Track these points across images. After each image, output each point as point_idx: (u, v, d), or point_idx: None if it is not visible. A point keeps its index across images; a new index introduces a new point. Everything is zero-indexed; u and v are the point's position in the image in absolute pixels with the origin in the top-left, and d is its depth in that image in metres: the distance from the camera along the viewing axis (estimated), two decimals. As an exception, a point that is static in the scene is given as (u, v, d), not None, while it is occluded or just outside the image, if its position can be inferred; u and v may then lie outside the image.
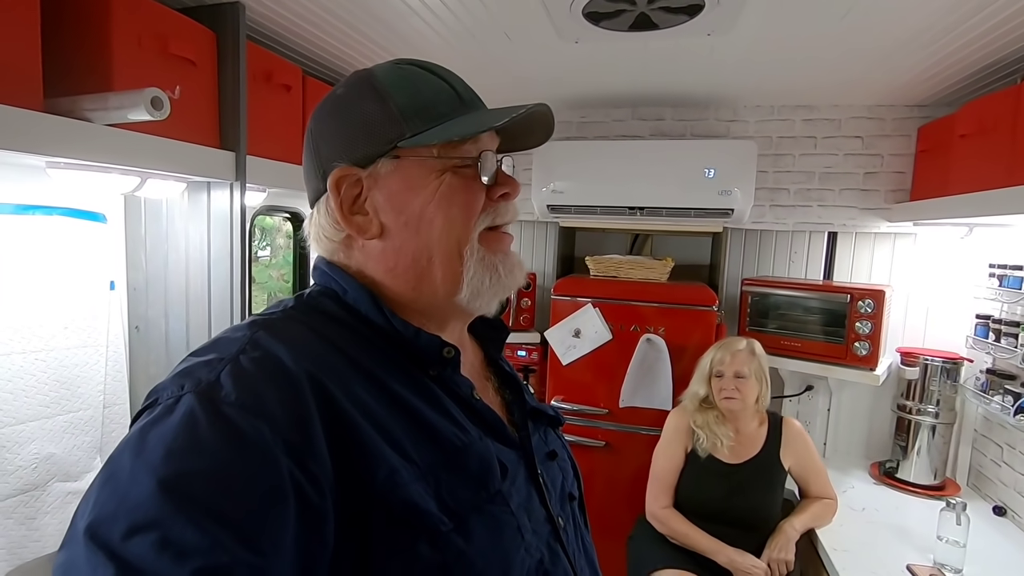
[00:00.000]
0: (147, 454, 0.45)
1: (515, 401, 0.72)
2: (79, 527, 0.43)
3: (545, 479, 0.66)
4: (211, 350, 0.53)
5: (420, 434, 0.55)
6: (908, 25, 1.46)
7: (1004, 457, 1.89)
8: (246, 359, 0.51)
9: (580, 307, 2.18)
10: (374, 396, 0.54)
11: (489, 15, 1.49)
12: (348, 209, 0.62)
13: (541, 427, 0.73)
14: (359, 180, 0.62)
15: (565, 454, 0.75)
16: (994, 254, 1.94)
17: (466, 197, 0.62)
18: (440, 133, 0.60)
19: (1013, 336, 1.77)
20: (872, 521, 1.82)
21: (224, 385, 0.48)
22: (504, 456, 0.61)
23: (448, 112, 0.62)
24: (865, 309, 2.02)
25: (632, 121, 2.49)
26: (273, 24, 1.53)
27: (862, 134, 2.28)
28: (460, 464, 0.56)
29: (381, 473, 0.50)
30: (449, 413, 0.59)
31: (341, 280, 0.64)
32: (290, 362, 0.51)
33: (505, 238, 0.67)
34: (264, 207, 1.97)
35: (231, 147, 1.37)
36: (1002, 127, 1.55)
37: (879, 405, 2.30)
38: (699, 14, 1.42)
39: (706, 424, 1.79)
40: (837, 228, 2.35)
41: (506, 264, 0.65)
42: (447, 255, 0.62)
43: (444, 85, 0.63)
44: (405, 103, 0.61)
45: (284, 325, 0.57)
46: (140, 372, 1.54)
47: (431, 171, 0.61)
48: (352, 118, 0.63)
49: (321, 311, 0.62)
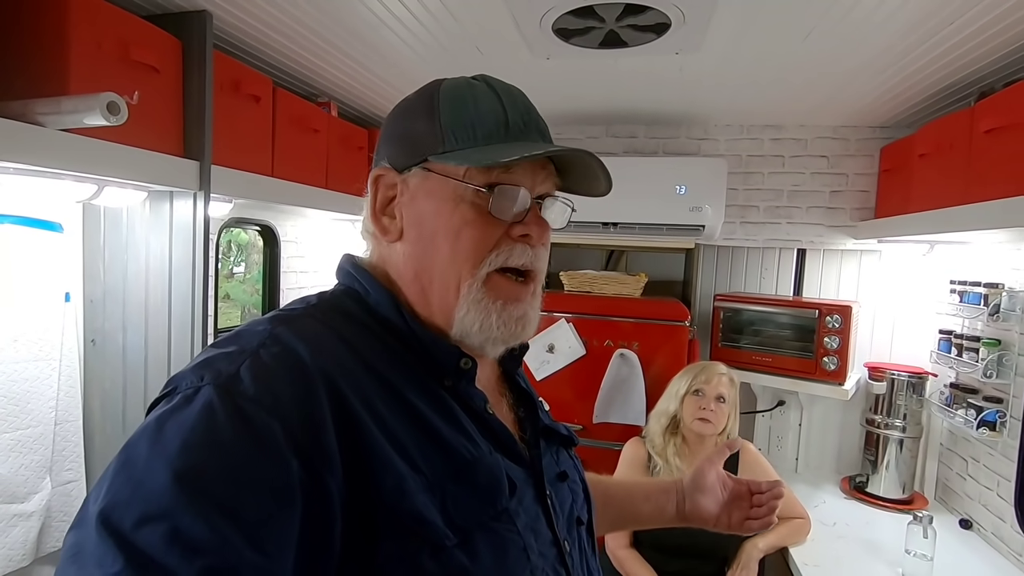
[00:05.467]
0: (164, 444, 0.45)
1: (528, 418, 0.70)
2: (91, 510, 0.44)
3: (554, 500, 0.65)
4: (233, 342, 0.53)
5: (429, 444, 0.54)
6: (868, 46, 1.50)
7: (969, 470, 1.92)
8: (266, 353, 0.51)
9: (554, 322, 2.17)
10: (386, 402, 0.54)
11: (461, 29, 1.50)
12: (381, 209, 0.64)
13: (553, 447, 0.71)
14: (395, 184, 0.63)
15: (577, 476, 0.73)
16: (955, 271, 2.00)
17: (475, 232, 0.59)
18: (464, 156, 0.59)
19: (974, 351, 1.81)
20: (843, 536, 1.82)
21: (244, 379, 0.49)
22: (513, 473, 0.60)
23: (487, 137, 0.60)
24: (833, 324, 2.05)
25: (606, 138, 2.53)
26: (242, 34, 1.52)
27: (827, 153, 2.34)
28: (468, 477, 0.55)
29: (389, 480, 0.50)
30: (461, 425, 0.58)
31: (365, 281, 0.64)
32: (308, 360, 0.52)
33: (515, 287, 0.62)
34: (232, 219, 1.93)
35: (195, 156, 1.35)
36: (958, 147, 1.60)
37: (849, 420, 2.33)
38: (666, 32, 1.44)
39: (665, 453, 1.74)
40: (805, 245, 2.40)
41: (504, 314, 0.60)
42: (444, 285, 0.61)
43: (497, 107, 0.61)
44: (449, 119, 0.61)
45: (304, 322, 0.57)
46: (95, 387, 1.48)
47: (452, 193, 0.60)
48: (405, 123, 0.64)
49: (342, 311, 0.62)
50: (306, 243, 2.34)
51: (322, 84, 1.96)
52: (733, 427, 1.78)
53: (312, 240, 2.37)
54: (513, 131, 0.61)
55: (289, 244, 2.23)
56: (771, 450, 2.42)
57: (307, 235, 2.34)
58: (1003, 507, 1.72)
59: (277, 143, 1.67)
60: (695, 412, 1.73)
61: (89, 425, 1.47)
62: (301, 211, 2.08)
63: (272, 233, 2.15)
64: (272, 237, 2.16)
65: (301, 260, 2.32)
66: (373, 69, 1.82)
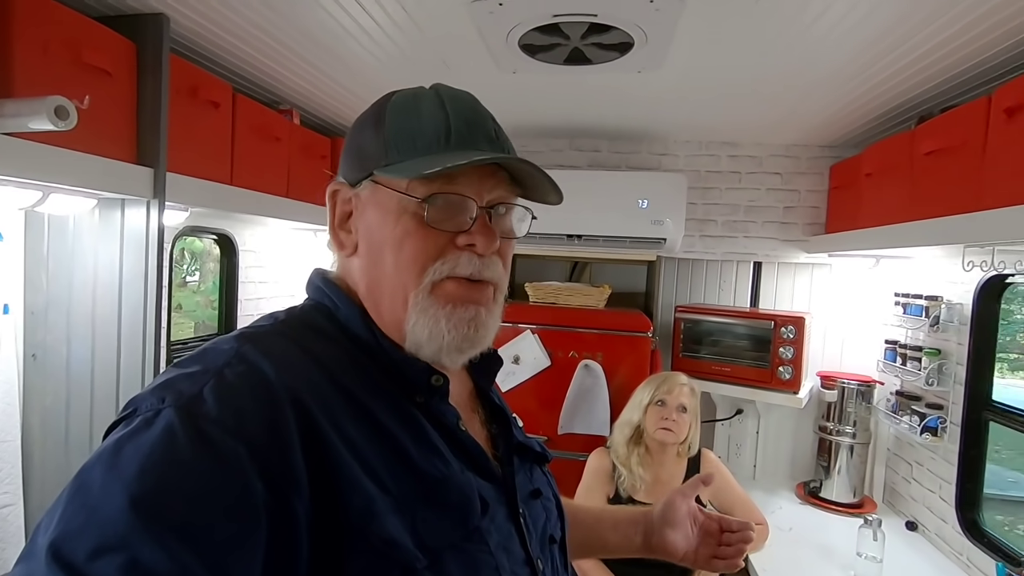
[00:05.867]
0: (121, 469, 0.43)
1: (501, 435, 0.70)
2: (40, 542, 0.41)
3: (527, 519, 0.64)
4: (196, 362, 0.51)
5: (399, 464, 0.53)
6: (818, 69, 1.58)
7: (913, 474, 2.02)
8: (231, 372, 0.50)
9: (520, 333, 2.17)
10: (355, 421, 0.53)
11: (427, 42, 1.50)
12: (339, 224, 0.64)
13: (527, 464, 0.70)
14: (350, 198, 0.63)
15: (550, 493, 0.72)
16: (899, 284, 2.10)
17: (417, 243, 0.58)
18: (402, 168, 0.58)
19: (917, 360, 1.90)
20: (799, 540, 1.88)
21: (207, 400, 0.47)
22: (485, 492, 0.59)
23: (428, 147, 0.58)
24: (787, 335, 2.12)
25: (570, 151, 2.57)
26: (201, 38, 1.48)
27: (781, 171, 2.44)
28: (438, 497, 0.54)
29: (357, 502, 0.49)
30: (431, 443, 0.57)
31: (335, 296, 0.63)
32: (275, 379, 0.50)
33: (466, 288, 0.59)
34: (188, 227, 1.87)
35: (149, 163, 1.30)
36: (901, 168, 1.69)
37: (803, 427, 2.41)
38: (629, 52, 1.48)
39: (628, 463, 1.76)
40: (761, 258, 2.48)
41: (454, 316, 0.58)
42: (393, 298, 0.60)
43: (438, 116, 0.59)
44: (394, 130, 0.60)
45: (272, 339, 0.56)
46: (35, 404, 1.39)
47: (396, 205, 0.59)
48: (357, 136, 0.64)
49: (312, 327, 0.60)
50: (266, 253, 2.28)
51: (284, 91, 1.93)
52: (694, 436, 1.82)
53: (272, 250, 2.32)
54: (456, 139, 0.59)
55: (248, 254, 2.17)
56: (730, 457, 2.49)
57: (267, 245, 2.28)
58: (945, 509, 1.81)
59: (237, 150, 1.63)
60: (657, 422, 1.76)
61: (28, 444, 1.39)
62: (261, 220, 2.03)
63: (230, 242, 2.08)
64: (230, 246, 2.10)
65: (260, 270, 2.26)
66: (337, 78, 1.80)
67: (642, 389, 1.86)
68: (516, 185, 0.63)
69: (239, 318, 2.13)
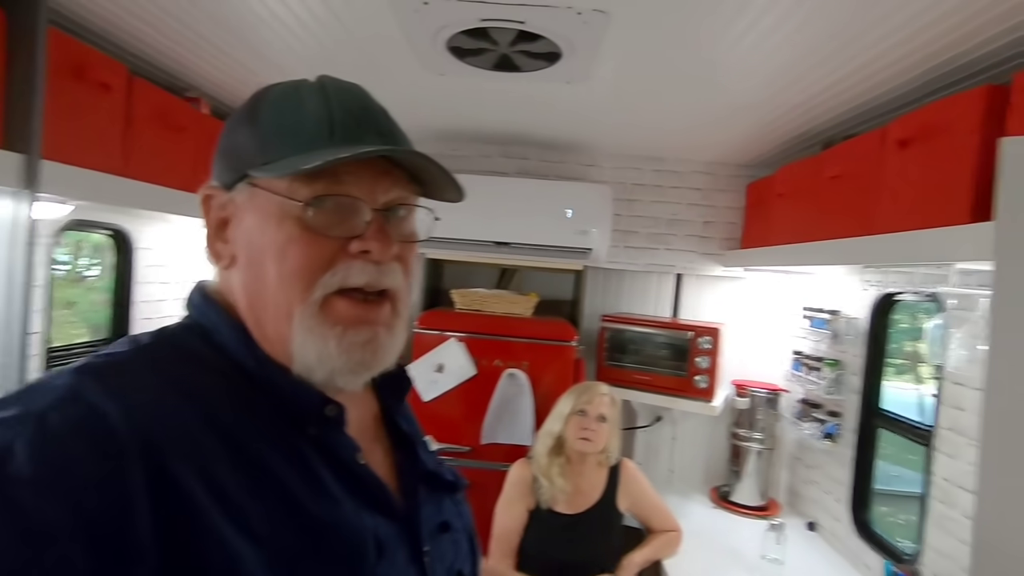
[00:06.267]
0: None
1: (407, 463, 0.63)
2: None
3: (430, 558, 0.58)
4: (14, 403, 0.43)
5: (280, 509, 0.47)
6: (735, 93, 1.64)
7: (813, 477, 2.15)
8: (57, 417, 0.41)
9: (444, 341, 2.12)
10: (229, 463, 0.46)
11: (349, 37, 1.43)
12: (216, 233, 0.57)
13: (436, 494, 0.64)
14: (226, 204, 0.56)
15: (460, 525, 0.66)
16: (807, 298, 2.24)
17: (302, 250, 0.51)
18: (278, 166, 0.51)
19: (818, 369, 2.03)
20: (710, 545, 1.94)
21: (17, 455, 0.39)
22: (383, 531, 0.53)
23: (309, 142, 0.52)
24: (704, 345, 2.20)
25: (499, 158, 2.55)
26: (91, 14, 1.33)
27: (701, 187, 2.54)
28: (324, 546, 0.48)
29: (216, 560, 0.43)
30: (321, 483, 0.51)
31: (213, 315, 0.55)
32: (119, 423, 0.42)
33: (357, 308, 0.53)
34: (74, 221, 1.68)
35: (20, 148, 1.14)
36: (808, 189, 1.79)
37: (717, 433, 2.51)
38: (557, 62, 1.48)
39: (549, 473, 1.76)
40: (681, 270, 2.57)
41: (345, 340, 0.52)
42: (277, 314, 0.53)
43: (321, 109, 0.53)
44: (270, 126, 0.54)
45: (124, 372, 0.48)
46: None
47: (278, 209, 0.52)
48: (230, 134, 0.57)
49: (183, 352, 0.52)
50: (168, 251, 2.10)
51: (191, 78, 1.78)
52: (613, 446, 1.84)
53: (176, 249, 2.13)
54: (341, 134, 0.53)
55: (147, 252, 1.99)
56: (648, 463, 2.55)
57: (170, 243, 2.10)
58: (840, 510, 1.93)
59: (133, 139, 1.48)
60: (577, 432, 1.77)
61: None
62: (163, 216, 1.86)
63: (125, 239, 1.90)
64: (125, 244, 1.91)
65: (161, 270, 2.07)
66: (251, 67, 1.68)
67: (564, 399, 1.86)
68: (415, 184, 0.58)
69: (135, 321, 1.95)
